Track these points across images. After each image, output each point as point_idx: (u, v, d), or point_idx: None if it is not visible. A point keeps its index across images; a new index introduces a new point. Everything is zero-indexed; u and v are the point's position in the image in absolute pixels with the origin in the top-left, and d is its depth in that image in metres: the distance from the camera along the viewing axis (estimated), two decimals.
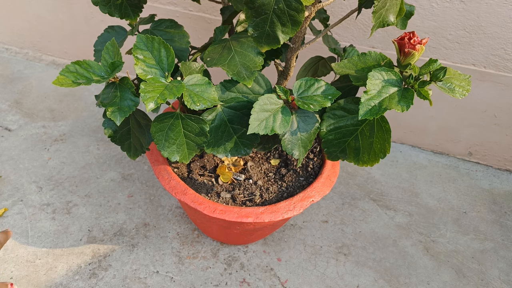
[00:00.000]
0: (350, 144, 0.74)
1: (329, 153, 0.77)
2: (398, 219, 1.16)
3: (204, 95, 0.69)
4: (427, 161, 1.34)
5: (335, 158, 0.77)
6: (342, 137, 0.74)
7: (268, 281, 1.00)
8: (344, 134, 0.74)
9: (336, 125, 0.73)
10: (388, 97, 0.65)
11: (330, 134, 0.74)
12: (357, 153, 0.74)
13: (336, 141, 0.75)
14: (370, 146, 0.72)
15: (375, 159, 0.73)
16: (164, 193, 1.17)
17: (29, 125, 1.33)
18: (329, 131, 0.74)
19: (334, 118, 0.73)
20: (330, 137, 0.74)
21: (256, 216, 0.82)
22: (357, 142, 0.73)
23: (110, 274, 0.99)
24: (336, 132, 0.74)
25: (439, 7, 1.11)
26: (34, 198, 1.13)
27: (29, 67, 1.57)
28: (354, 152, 0.75)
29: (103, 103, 0.71)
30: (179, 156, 0.73)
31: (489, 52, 1.14)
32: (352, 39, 1.22)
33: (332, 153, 0.77)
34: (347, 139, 0.74)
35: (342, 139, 0.74)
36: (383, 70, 0.66)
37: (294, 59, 0.81)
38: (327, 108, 0.73)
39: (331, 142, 0.75)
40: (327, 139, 0.75)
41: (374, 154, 0.72)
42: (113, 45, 0.72)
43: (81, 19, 1.47)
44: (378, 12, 0.67)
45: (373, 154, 0.73)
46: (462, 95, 0.67)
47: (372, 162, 0.73)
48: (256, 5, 0.64)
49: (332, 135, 0.74)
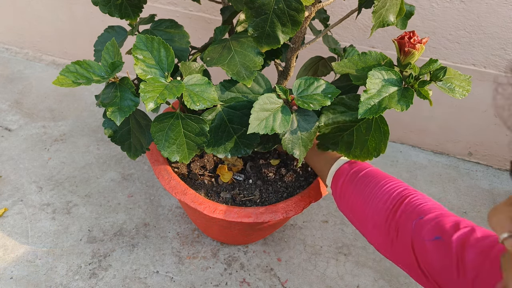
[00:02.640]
0: (344, 138, 0.74)
1: (320, 144, 0.77)
2: None
3: (204, 95, 0.69)
4: (427, 161, 1.34)
5: (325, 149, 0.77)
6: (338, 132, 0.74)
7: (268, 281, 1.00)
8: (340, 129, 0.74)
9: (334, 120, 0.73)
10: (388, 96, 0.65)
11: (327, 128, 0.74)
12: (349, 147, 0.74)
13: (332, 135, 0.75)
14: (364, 143, 0.72)
15: (368, 156, 0.73)
16: (164, 193, 1.17)
17: (29, 125, 1.33)
18: (326, 125, 0.73)
19: (333, 113, 0.73)
20: (327, 131, 0.74)
21: (256, 216, 0.82)
22: (351, 137, 0.73)
23: (110, 274, 0.99)
24: (333, 126, 0.73)
25: (439, 7, 1.10)
26: (34, 198, 1.13)
27: (29, 67, 1.57)
28: (346, 146, 0.74)
29: (103, 103, 0.71)
30: (179, 156, 0.73)
31: (489, 52, 1.14)
32: (352, 39, 1.22)
33: (323, 144, 0.77)
34: (342, 134, 0.74)
35: (337, 133, 0.74)
36: (383, 70, 0.66)
37: (294, 59, 0.81)
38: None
39: (327, 135, 0.75)
40: (323, 133, 0.75)
41: (367, 150, 0.72)
42: (113, 45, 0.72)
43: (81, 19, 1.47)
44: (378, 12, 0.67)
45: (365, 151, 0.73)
46: (462, 95, 0.67)
47: (364, 158, 0.73)
48: (256, 5, 0.64)
49: (328, 129, 0.74)
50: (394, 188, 0.66)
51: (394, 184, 0.66)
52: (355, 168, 0.72)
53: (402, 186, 0.66)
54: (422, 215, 0.59)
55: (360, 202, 0.68)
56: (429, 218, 0.58)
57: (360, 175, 0.70)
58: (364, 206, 0.67)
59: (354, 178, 0.71)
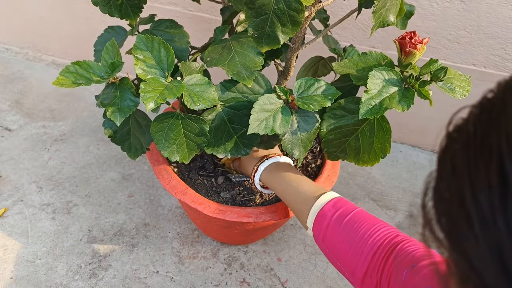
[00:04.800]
0: (351, 144, 0.74)
1: (329, 153, 0.77)
2: (398, 219, 1.16)
3: (204, 95, 0.69)
4: (427, 161, 1.34)
5: (335, 158, 0.77)
6: (343, 137, 0.74)
7: (268, 281, 1.00)
8: (344, 134, 0.74)
9: (337, 125, 0.73)
10: (388, 96, 0.65)
11: (331, 134, 0.74)
12: (357, 153, 0.74)
13: (336, 141, 0.75)
14: (371, 146, 0.72)
15: (375, 159, 0.73)
16: (164, 193, 1.17)
17: (29, 125, 1.33)
18: (329, 131, 0.74)
19: (334, 118, 0.73)
20: (331, 137, 0.74)
21: (256, 216, 0.82)
22: (357, 142, 0.73)
23: (110, 274, 0.99)
24: (336, 132, 0.74)
25: (439, 7, 1.10)
26: (34, 198, 1.13)
27: (29, 67, 1.57)
28: (355, 152, 0.74)
29: (103, 103, 0.71)
30: (179, 156, 0.73)
31: (489, 52, 1.14)
32: (352, 39, 1.22)
33: (332, 153, 0.77)
34: (347, 139, 0.74)
35: (343, 139, 0.74)
36: (384, 70, 0.66)
37: (294, 59, 0.81)
38: (327, 108, 0.73)
39: (331, 142, 0.75)
40: (327, 139, 0.74)
41: (374, 153, 0.72)
42: (113, 45, 0.72)
43: (81, 19, 1.47)
44: (378, 12, 0.67)
45: (373, 154, 0.73)
46: (463, 95, 0.67)
47: (373, 162, 0.73)
48: (256, 5, 0.64)
49: (332, 135, 0.74)
50: (385, 235, 0.62)
51: (385, 230, 0.62)
52: (340, 211, 0.67)
53: (394, 232, 0.62)
54: (414, 263, 0.56)
55: (347, 249, 0.64)
56: (422, 266, 0.54)
57: (346, 220, 0.65)
58: (353, 255, 0.63)
59: (340, 222, 0.66)
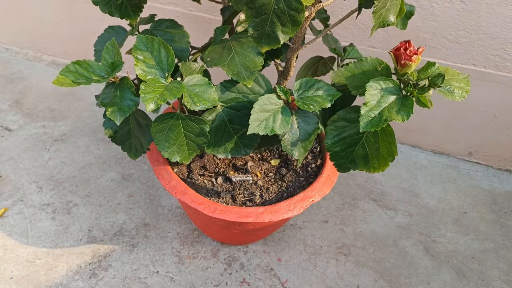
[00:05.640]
0: (358, 153, 0.73)
1: (339, 165, 0.75)
2: (398, 219, 1.16)
3: (204, 96, 0.69)
4: (427, 161, 1.34)
5: (345, 169, 0.75)
6: (348, 147, 0.73)
7: (268, 281, 1.00)
8: (349, 144, 0.73)
9: (340, 136, 0.72)
10: (387, 106, 0.64)
11: (336, 146, 0.73)
12: (366, 161, 0.73)
13: (343, 152, 0.74)
14: (378, 151, 0.71)
15: (385, 164, 0.72)
16: (164, 193, 1.17)
17: (29, 125, 1.33)
18: (334, 143, 0.73)
19: (336, 130, 0.72)
20: (337, 149, 0.73)
21: (256, 216, 0.82)
22: (364, 150, 0.72)
23: (110, 274, 0.99)
24: (341, 143, 0.73)
25: (439, 7, 1.10)
26: (34, 198, 1.13)
27: (29, 67, 1.57)
28: (363, 160, 0.73)
29: (103, 103, 0.71)
30: (179, 156, 0.73)
31: (489, 52, 1.14)
32: (352, 39, 1.22)
33: (341, 164, 0.75)
34: (353, 148, 0.73)
35: (349, 149, 0.73)
36: (380, 80, 0.65)
37: (294, 59, 0.81)
38: (328, 121, 0.72)
39: (338, 154, 0.74)
40: (333, 152, 0.73)
41: (383, 158, 0.72)
42: (113, 45, 0.72)
43: (81, 19, 1.47)
44: (378, 12, 0.67)
45: (382, 159, 0.72)
46: (462, 97, 0.66)
47: (383, 167, 0.72)
48: (256, 5, 0.64)
49: (337, 147, 0.73)
50: None
51: None
52: None
53: None
54: None
55: None
56: None
57: None
58: None
59: None
